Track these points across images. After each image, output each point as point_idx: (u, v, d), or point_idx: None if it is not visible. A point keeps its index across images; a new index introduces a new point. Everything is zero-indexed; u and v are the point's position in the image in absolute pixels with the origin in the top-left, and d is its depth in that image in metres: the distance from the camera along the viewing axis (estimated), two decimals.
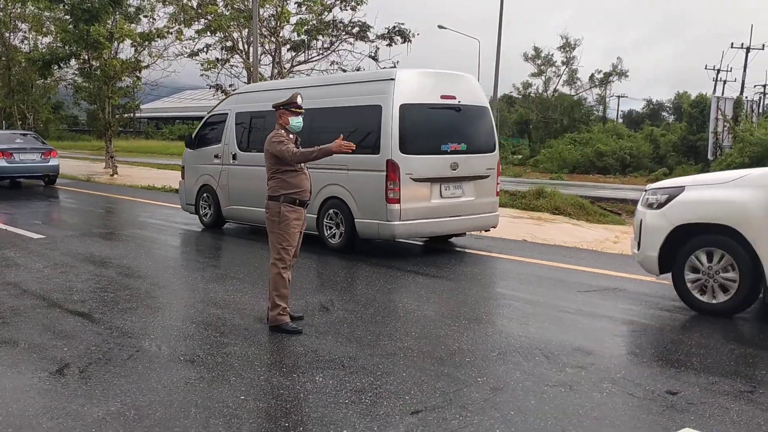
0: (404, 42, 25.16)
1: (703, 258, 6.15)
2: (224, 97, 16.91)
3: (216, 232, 11.22)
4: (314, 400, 4.25)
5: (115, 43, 26.00)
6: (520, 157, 51.84)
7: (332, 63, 24.97)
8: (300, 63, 24.66)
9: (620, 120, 73.17)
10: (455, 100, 9.29)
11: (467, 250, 9.69)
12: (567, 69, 64.14)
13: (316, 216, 9.35)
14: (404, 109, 8.66)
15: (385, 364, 4.86)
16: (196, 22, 23.77)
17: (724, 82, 50.51)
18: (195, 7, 23.60)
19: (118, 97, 27.20)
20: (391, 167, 8.55)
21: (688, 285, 6.28)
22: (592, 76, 65.36)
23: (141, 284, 7.31)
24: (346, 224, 9.09)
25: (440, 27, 41.40)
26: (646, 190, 6.86)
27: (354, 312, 6.27)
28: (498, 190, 9.99)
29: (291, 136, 5.77)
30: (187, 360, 4.93)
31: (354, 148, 5.62)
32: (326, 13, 24.26)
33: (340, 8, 24.36)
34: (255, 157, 10.05)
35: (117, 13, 25.64)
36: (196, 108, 59.84)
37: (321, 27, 24.29)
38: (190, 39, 23.62)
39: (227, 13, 22.48)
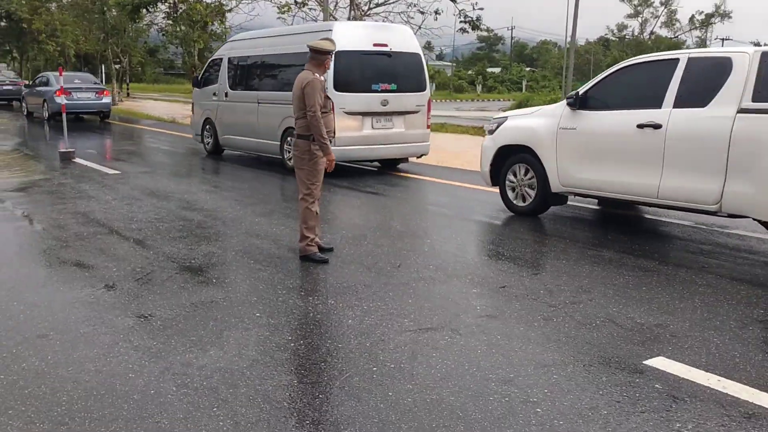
0: None
1: (519, 171, 7.99)
2: None
3: (277, 172, 11.74)
4: (320, 319, 4.67)
5: None
6: None
7: (409, 5, 24.94)
8: (377, 5, 24.74)
9: None
10: (386, 48, 11.07)
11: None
12: (665, 10, 61.36)
13: (279, 143, 11.65)
14: (339, 55, 9.60)
15: (395, 291, 5.22)
16: None
17: None
18: None
19: (204, 41, 28.08)
20: None
21: (509, 193, 8.20)
22: (692, 18, 62.32)
23: (195, 216, 7.89)
24: None
25: None
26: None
27: (382, 245, 6.64)
28: (429, 123, 11.81)
29: (323, 78, 6.09)
30: (218, 281, 5.44)
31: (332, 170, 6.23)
32: None
33: None
34: (242, 95, 12.87)
35: None
36: None
37: None
38: None
39: None
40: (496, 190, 8.44)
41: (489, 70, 78.60)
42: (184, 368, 3.84)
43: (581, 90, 7.49)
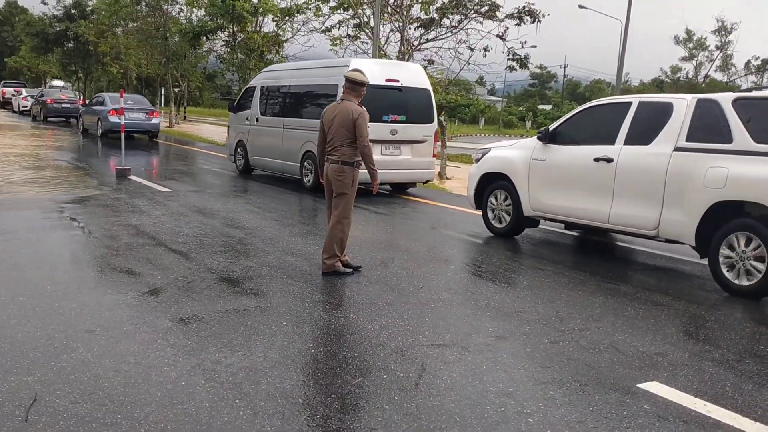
0: (533, 22, 25.17)
1: (498, 196, 9.03)
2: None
3: (316, 196, 12.22)
4: (341, 331, 5.04)
5: (259, 18, 27.77)
6: None
7: (459, 41, 25.40)
8: (427, 41, 25.29)
9: None
10: (398, 83, 12.22)
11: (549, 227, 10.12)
12: (721, 54, 60.85)
13: (299, 164, 13.02)
14: None
15: (413, 310, 5.57)
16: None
17: None
18: None
19: (260, 70, 29.01)
20: None
21: (489, 216, 9.24)
22: (748, 63, 61.67)
23: (237, 233, 8.38)
24: (315, 171, 12.29)
25: (581, 7, 40.68)
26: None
27: (406, 268, 7.00)
28: (435, 152, 13.05)
29: None
30: (251, 292, 5.86)
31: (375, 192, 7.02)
32: None
33: None
34: (270, 120, 14.22)
35: None
36: None
37: (450, 5, 24.77)
38: (323, 15, 24.87)
39: None
40: (480, 212, 9.51)
41: (540, 106, 78.69)
42: (213, 365, 4.25)
43: (551, 127, 8.54)
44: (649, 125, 7.33)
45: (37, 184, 11.74)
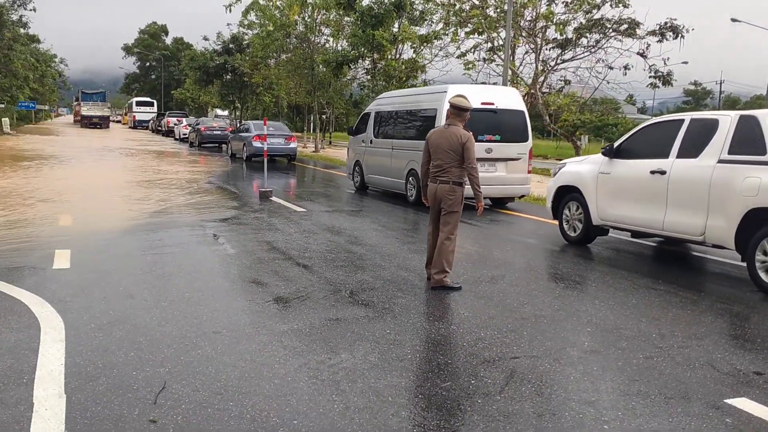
0: (676, 38, 24.39)
1: (571, 207, 9.85)
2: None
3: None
4: (438, 340, 5.37)
5: (398, 45, 28.74)
6: None
7: (598, 60, 25.04)
8: (564, 61, 25.13)
9: None
10: (493, 106, 13.19)
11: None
12: None
13: (404, 181, 14.50)
14: None
15: (513, 324, 5.79)
16: (469, 24, 25.47)
17: None
18: (467, 9, 25.30)
19: None
20: None
21: (564, 225, 10.06)
22: None
23: (359, 250, 8.92)
24: (417, 187, 13.73)
25: (733, 20, 38.76)
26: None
27: (515, 284, 7.21)
28: (529, 169, 13.90)
29: None
30: (362, 303, 6.32)
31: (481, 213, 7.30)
32: (594, 11, 24.45)
33: (611, 5, 24.36)
34: (382, 142, 15.77)
35: (402, 17, 28.33)
36: None
37: (588, 25, 24.51)
38: (458, 40, 25.38)
39: (493, 15, 23.77)
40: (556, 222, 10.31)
41: None
42: (317, 365, 4.72)
43: (616, 143, 9.35)
44: (698, 140, 7.97)
45: (191, 206, 12.96)
